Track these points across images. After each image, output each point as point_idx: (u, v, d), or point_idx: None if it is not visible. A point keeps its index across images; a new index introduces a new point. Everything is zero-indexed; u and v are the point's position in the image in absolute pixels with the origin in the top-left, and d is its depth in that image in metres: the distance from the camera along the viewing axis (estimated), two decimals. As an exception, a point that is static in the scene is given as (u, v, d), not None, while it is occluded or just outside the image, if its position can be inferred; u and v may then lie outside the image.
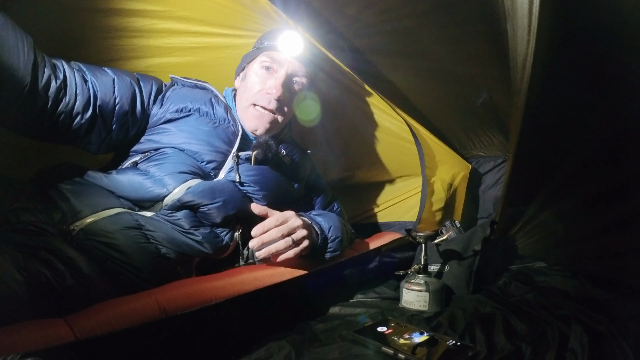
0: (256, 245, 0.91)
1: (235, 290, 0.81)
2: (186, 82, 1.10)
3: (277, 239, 0.91)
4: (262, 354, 0.70)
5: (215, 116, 1.05)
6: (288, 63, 1.07)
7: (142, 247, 0.86)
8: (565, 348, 0.73)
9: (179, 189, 0.93)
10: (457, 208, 1.64)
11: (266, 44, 1.08)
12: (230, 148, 1.04)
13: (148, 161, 0.97)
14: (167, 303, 0.71)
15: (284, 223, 0.93)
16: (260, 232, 0.91)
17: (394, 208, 1.72)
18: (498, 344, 0.76)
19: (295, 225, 0.94)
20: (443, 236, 1.23)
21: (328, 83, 1.31)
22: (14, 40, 0.79)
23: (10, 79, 0.78)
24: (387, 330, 0.79)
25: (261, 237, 0.91)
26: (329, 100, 1.37)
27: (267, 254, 0.92)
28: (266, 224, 0.92)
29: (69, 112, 0.89)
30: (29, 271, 0.67)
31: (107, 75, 0.96)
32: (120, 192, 0.93)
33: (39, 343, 0.56)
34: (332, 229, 1.04)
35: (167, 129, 1.01)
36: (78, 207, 0.86)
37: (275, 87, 1.05)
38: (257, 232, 0.91)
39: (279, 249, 0.92)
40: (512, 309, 0.92)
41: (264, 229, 0.92)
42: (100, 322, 0.64)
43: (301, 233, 0.94)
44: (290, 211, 0.98)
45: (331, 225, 1.05)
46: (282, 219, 0.94)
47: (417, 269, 1.04)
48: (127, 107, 0.97)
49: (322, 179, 1.31)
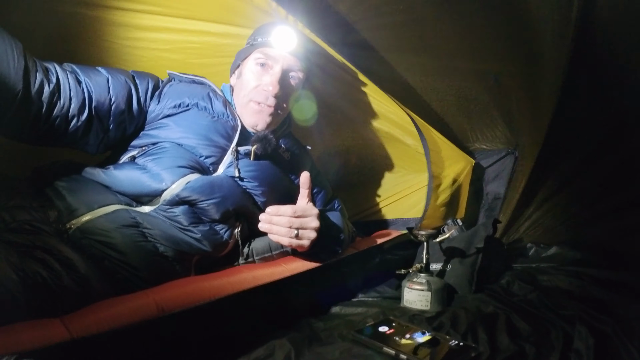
0: (263, 222, 0.92)
1: (234, 290, 0.80)
2: (183, 77, 1.09)
3: (284, 227, 0.91)
4: (261, 352, 0.69)
5: (213, 110, 1.04)
6: (283, 58, 1.05)
7: (140, 245, 0.85)
8: (569, 349, 0.72)
9: (177, 183, 0.92)
10: (460, 204, 1.63)
11: (259, 40, 1.06)
12: (229, 143, 1.03)
13: (145, 155, 0.96)
14: (165, 303, 0.70)
15: (301, 217, 0.93)
16: (274, 213, 0.91)
17: (395, 205, 1.71)
18: (501, 344, 0.75)
19: (309, 225, 0.93)
20: (445, 235, 1.22)
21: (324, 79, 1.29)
22: (2, 47, 0.77)
23: (1, 87, 0.76)
24: (388, 330, 0.79)
25: (271, 218, 0.91)
26: (326, 97, 1.35)
27: (267, 230, 0.93)
28: (282, 209, 0.92)
29: (64, 116, 0.87)
30: (25, 271, 0.66)
31: (101, 75, 0.94)
32: (118, 187, 0.92)
33: (35, 343, 0.56)
34: (337, 225, 1.03)
35: (165, 124, 1.00)
36: (74, 205, 0.85)
37: (271, 83, 1.04)
38: (271, 211, 0.91)
39: (280, 233, 0.92)
40: (515, 308, 0.91)
41: (278, 212, 0.91)
42: (97, 322, 0.63)
43: (311, 234, 0.94)
44: (313, 208, 0.96)
45: (335, 223, 1.03)
46: (301, 212, 0.93)
47: (419, 268, 1.03)
48: (124, 106, 0.96)
49: (323, 176, 1.30)
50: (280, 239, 0.92)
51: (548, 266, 1.26)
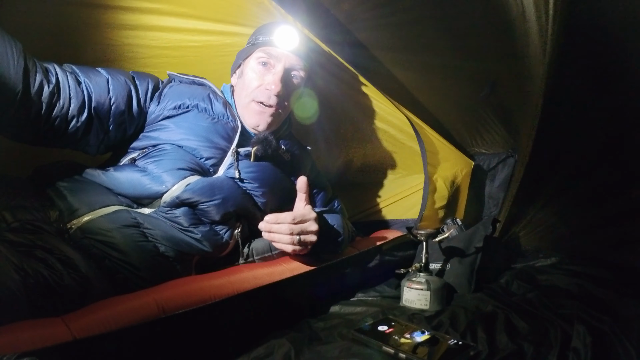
0: (264, 230, 0.93)
1: (234, 289, 0.81)
2: (184, 78, 1.09)
3: (285, 234, 0.92)
4: (261, 352, 0.69)
5: (213, 112, 1.04)
6: (285, 57, 1.06)
7: (141, 245, 0.85)
8: (567, 347, 0.73)
9: (177, 185, 0.92)
10: (459, 205, 1.63)
11: (261, 39, 1.06)
12: (229, 144, 1.03)
13: (146, 158, 0.96)
14: (165, 302, 0.70)
15: (301, 223, 0.93)
16: (273, 222, 0.92)
17: (395, 205, 1.71)
18: (500, 343, 0.75)
19: (309, 229, 0.94)
20: (444, 234, 1.22)
21: (325, 78, 1.30)
22: (2, 48, 0.78)
23: (1, 87, 0.77)
24: (387, 329, 0.79)
25: (271, 226, 0.92)
26: (327, 97, 1.35)
27: (269, 239, 0.94)
28: (281, 217, 0.92)
29: (64, 116, 0.88)
30: (26, 270, 0.66)
31: (101, 75, 0.95)
32: (119, 189, 0.93)
33: (36, 342, 0.56)
34: (336, 227, 1.04)
35: (165, 125, 1.00)
36: (75, 205, 0.86)
37: (274, 82, 1.04)
38: (270, 219, 0.92)
39: (282, 241, 0.92)
40: (514, 307, 0.91)
41: (277, 220, 0.92)
42: (98, 321, 0.64)
43: (311, 238, 0.95)
44: (311, 211, 0.97)
45: (334, 224, 1.04)
46: (300, 218, 0.94)
47: (418, 267, 1.03)
48: (123, 107, 0.96)
49: (323, 177, 1.30)
50: (283, 246, 0.93)
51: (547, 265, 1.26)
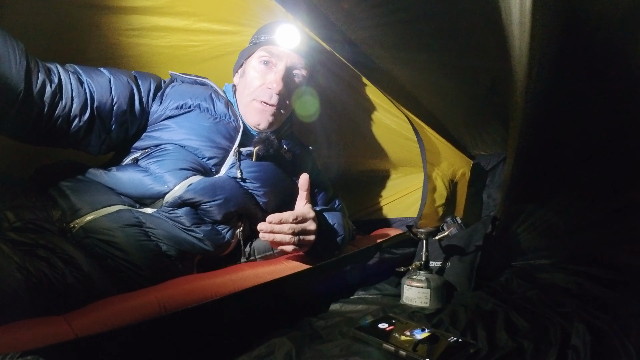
0: (265, 231, 0.93)
1: (235, 287, 0.81)
2: (185, 78, 1.09)
3: (287, 234, 0.92)
4: (262, 350, 0.70)
5: (215, 112, 1.04)
6: (287, 56, 1.06)
7: (143, 244, 0.85)
8: (567, 346, 0.73)
9: (179, 186, 0.93)
10: (459, 204, 1.63)
11: (263, 38, 1.07)
12: (231, 144, 1.03)
13: (148, 158, 0.97)
14: (167, 300, 0.71)
15: (302, 222, 0.94)
16: (276, 222, 0.92)
17: (395, 204, 1.71)
18: (500, 341, 0.75)
19: (309, 228, 0.95)
20: (444, 232, 1.22)
21: (327, 77, 1.30)
22: (3, 48, 0.78)
23: (3, 87, 0.77)
24: (388, 327, 0.79)
25: (273, 227, 0.92)
26: (328, 95, 1.35)
27: (269, 240, 0.94)
28: (284, 217, 0.93)
29: (66, 116, 0.88)
30: (29, 269, 0.67)
31: (103, 75, 0.95)
32: (121, 189, 0.93)
33: (38, 341, 0.56)
34: (336, 226, 1.04)
35: (168, 125, 1.00)
36: (78, 205, 0.86)
37: (275, 81, 1.04)
38: (272, 220, 0.92)
39: (284, 241, 0.93)
40: (513, 306, 0.92)
41: (280, 219, 0.92)
42: (100, 320, 0.64)
43: (310, 237, 0.96)
44: (310, 211, 0.98)
45: (335, 223, 1.04)
46: (301, 217, 0.94)
47: (418, 266, 1.03)
48: (125, 107, 0.96)
49: (324, 176, 1.30)
50: (285, 247, 0.94)
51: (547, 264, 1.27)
